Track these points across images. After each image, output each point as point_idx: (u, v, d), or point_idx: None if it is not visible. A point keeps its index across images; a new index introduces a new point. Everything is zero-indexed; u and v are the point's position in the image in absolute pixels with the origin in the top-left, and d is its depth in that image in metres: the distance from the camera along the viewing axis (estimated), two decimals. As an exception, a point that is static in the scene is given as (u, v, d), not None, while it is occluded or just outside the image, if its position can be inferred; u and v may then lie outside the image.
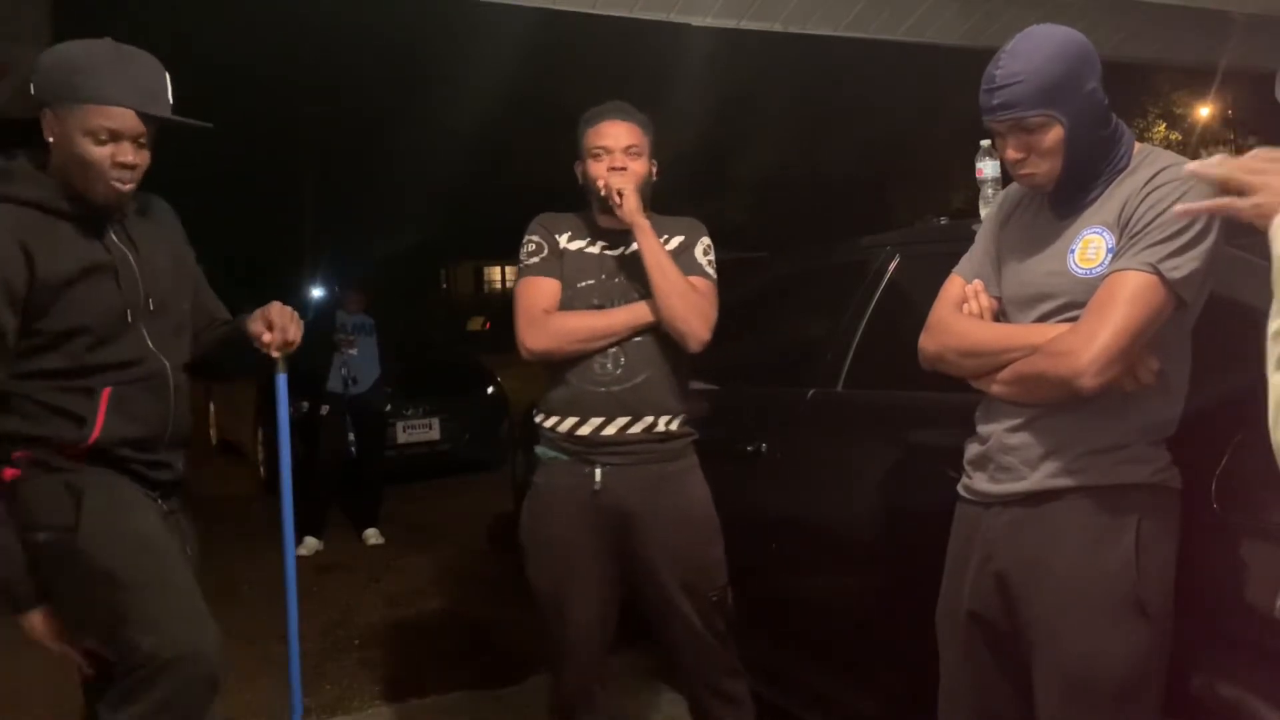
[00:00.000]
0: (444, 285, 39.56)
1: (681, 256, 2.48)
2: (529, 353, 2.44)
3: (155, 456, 2.01)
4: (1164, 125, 28.66)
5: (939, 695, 1.98)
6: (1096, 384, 1.66)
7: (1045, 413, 1.78)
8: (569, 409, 2.44)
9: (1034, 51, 1.73)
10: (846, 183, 28.37)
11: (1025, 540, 1.80)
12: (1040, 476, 1.79)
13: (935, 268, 2.10)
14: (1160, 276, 1.65)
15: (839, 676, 2.79)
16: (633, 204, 2.40)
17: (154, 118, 1.90)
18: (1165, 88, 27.30)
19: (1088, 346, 1.66)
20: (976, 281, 1.96)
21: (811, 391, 2.97)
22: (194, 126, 1.97)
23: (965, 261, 2.02)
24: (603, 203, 2.45)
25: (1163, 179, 1.71)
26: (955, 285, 1.99)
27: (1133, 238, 1.70)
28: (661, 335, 2.43)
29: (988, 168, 2.65)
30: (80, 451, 1.90)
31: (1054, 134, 1.74)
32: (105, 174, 1.87)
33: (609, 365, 2.41)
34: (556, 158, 2.62)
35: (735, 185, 27.82)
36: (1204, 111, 27.58)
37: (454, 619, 4.73)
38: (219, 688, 1.94)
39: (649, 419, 2.43)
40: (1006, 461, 1.83)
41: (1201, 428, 1.77)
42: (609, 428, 2.41)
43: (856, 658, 2.70)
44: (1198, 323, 1.77)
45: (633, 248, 2.44)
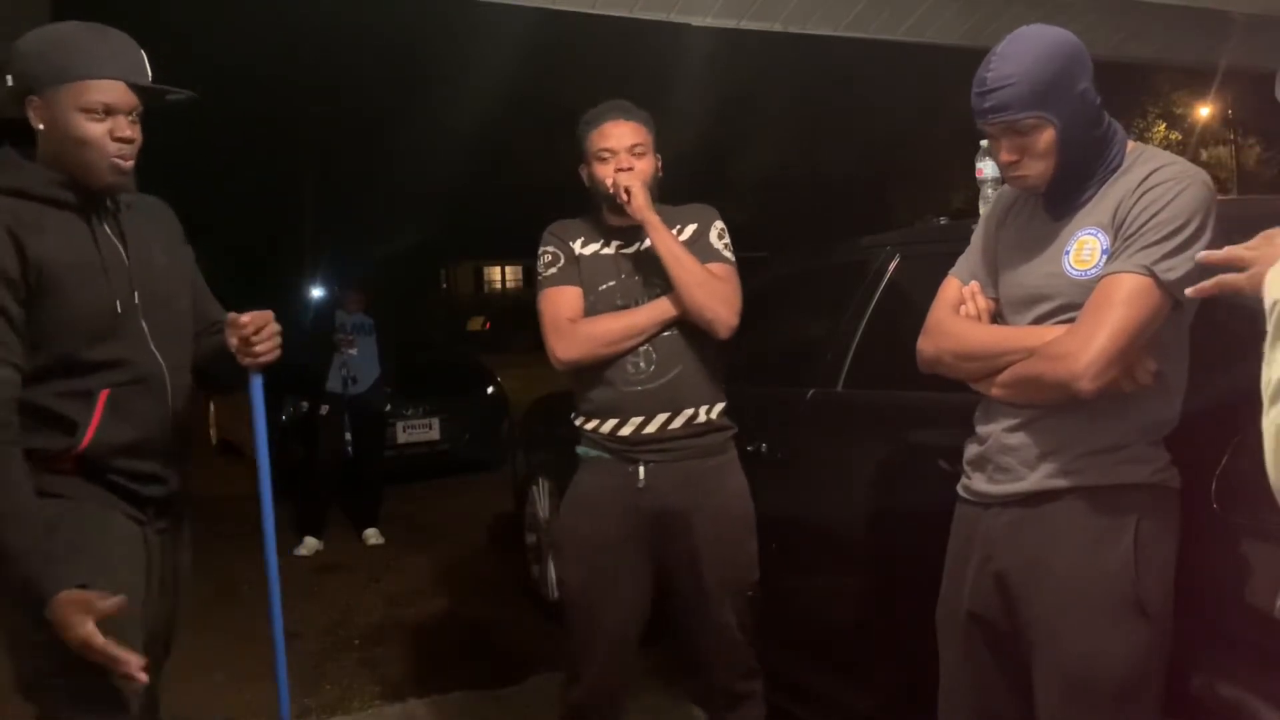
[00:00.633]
0: (444, 285, 39.56)
1: (696, 244, 2.46)
2: (560, 363, 2.43)
3: (147, 467, 1.94)
4: (1164, 125, 28.67)
5: (939, 695, 1.98)
6: (1094, 387, 1.66)
7: (1044, 413, 1.78)
8: (608, 411, 2.43)
9: (1025, 53, 1.72)
10: (846, 183, 28.38)
11: (1025, 540, 1.80)
12: (1039, 477, 1.79)
13: (935, 268, 2.10)
14: (1156, 278, 1.65)
15: (839, 676, 2.79)
16: (641, 200, 2.39)
17: (143, 89, 1.89)
18: (1165, 88, 27.32)
19: (1085, 350, 1.66)
20: (973, 283, 1.95)
21: (811, 391, 2.97)
22: (183, 99, 1.95)
23: (962, 263, 2.01)
24: (612, 203, 2.44)
25: (1156, 179, 1.71)
26: (952, 287, 1.98)
27: (1127, 239, 1.69)
28: (689, 327, 2.42)
29: (988, 168, 2.65)
30: (68, 460, 1.85)
31: (1046, 136, 1.73)
32: (106, 150, 1.86)
33: (641, 364, 2.41)
34: (556, 158, 2.62)
35: (735, 185, 27.78)
36: (1204, 111, 27.57)
37: (454, 619, 4.73)
38: None
39: (689, 411, 2.42)
40: (1005, 462, 1.83)
41: (1201, 428, 1.77)
42: (650, 425, 2.41)
43: (857, 657, 2.70)
44: (1196, 323, 1.77)
45: (647, 243, 2.44)
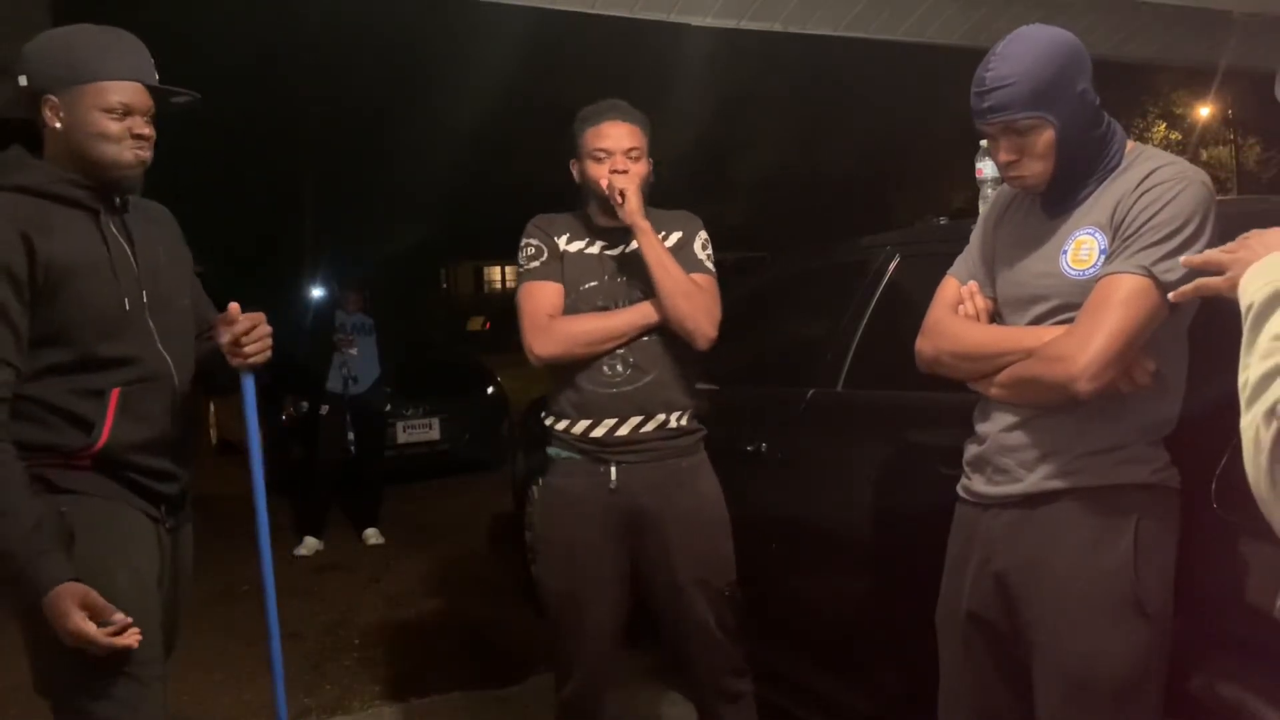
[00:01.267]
0: (444, 285, 39.55)
1: (680, 253, 2.48)
2: (537, 359, 2.44)
3: (161, 464, 1.98)
4: (1164, 125, 28.65)
5: (939, 695, 1.98)
6: (1092, 389, 1.66)
7: (1042, 413, 1.78)
8: (580, 412, 2.44)
9: (1023, 54, 1.72)
10: (846, 183, 28.40)
11: (1024, 541, 1.80)
12: (1037, 478, 1.78)
13: (935, 268, 2.10)
14: (1154, 279, 1.65)
15: (839, 676, 2.79)
16: (634, 205, 2.40)
17: (156, 89, 1.95)
18: (1165, 88, 27.29)
19: (1083, 351, 1.65)
20: (972, 283, 1.95)
21: (811, 391, 2.97)
22: (189, 98, 2.02)
23: (960, 263, 2.01)
24: (602, 203, 2.45)
25: (1155, 179, 1.70)
26: (950, 287, 1.98)
27: (1125, 240, 1.69)
28: (668, 334, 2.44)
29: (988, 168, 2.64)
30: (86, 458, 1.88)
31: (1045, 136, 1.73)
32: (128, 142, 1.92)
33: (618, 366, 2.42)
34: (556, 158, 2.61)
35: (735, 185, 27.81)
36: (1204, 111, 27.55)
37: (454, 619, 4.73)
38: None
39: (661, 417, 2.44)
40: (1004, 463, 1.83)
41: (1201, 428, 1.76)
42: (622, 428, 2.42)
43: (857, 658, 2.70)
44: (1196, 323, 1.76)
45: (632, 246, 2.44)
